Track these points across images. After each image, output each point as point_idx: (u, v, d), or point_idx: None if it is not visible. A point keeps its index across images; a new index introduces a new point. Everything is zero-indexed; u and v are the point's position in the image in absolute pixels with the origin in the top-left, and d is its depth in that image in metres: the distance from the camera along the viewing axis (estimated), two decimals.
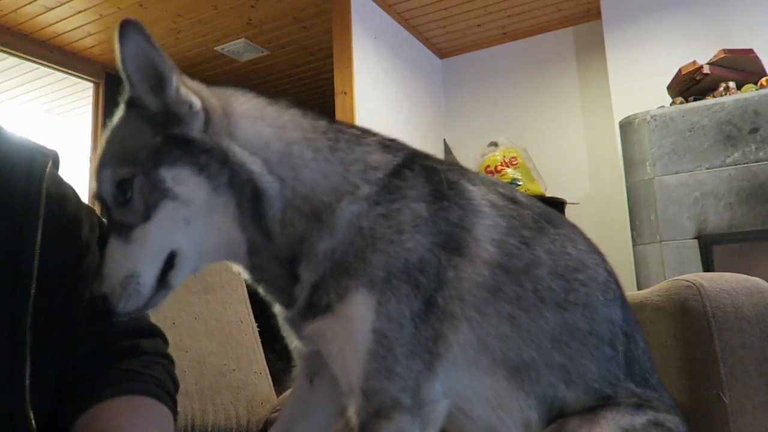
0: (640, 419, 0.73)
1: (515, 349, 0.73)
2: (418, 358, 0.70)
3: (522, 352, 0.73)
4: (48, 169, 0.71)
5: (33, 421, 0.61)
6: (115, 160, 0.70)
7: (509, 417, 0.75)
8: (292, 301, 0.76)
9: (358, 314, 0.70)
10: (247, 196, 0.71)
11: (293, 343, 0.82)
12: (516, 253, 0.74)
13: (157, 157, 0.68)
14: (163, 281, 0.70)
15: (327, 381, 0.84)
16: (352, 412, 0.73)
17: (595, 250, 0.84)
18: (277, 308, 0.82)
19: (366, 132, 0.83)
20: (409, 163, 0.79)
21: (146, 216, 0.68)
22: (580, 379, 0.75)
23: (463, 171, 0.83)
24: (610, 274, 0.82)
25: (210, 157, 0.69)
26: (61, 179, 0.79)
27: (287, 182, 0.72)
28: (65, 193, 0.78)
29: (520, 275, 0.74)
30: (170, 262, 0.69)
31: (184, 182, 0.68)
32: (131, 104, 0.72)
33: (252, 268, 0.77)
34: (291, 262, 0.74)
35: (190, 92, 0.72)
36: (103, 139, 0.73)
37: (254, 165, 0.71)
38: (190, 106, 0.71)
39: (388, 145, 0.81)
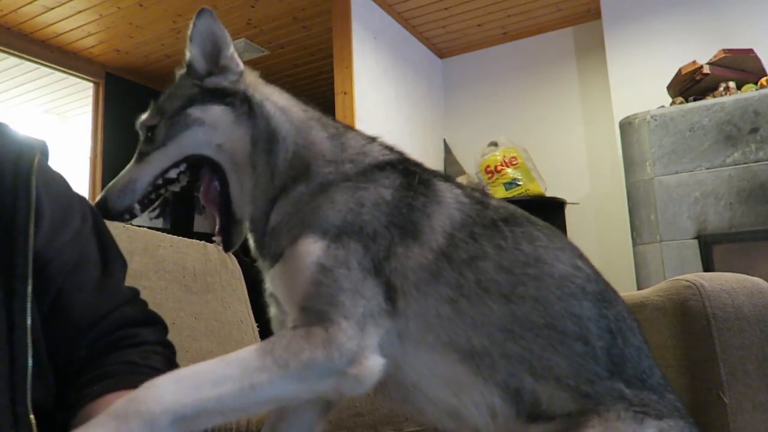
0: None
1: (462, 334, 0.75)
2: (365, 300, 0.72)
3: (471, 337, 0.75)
4: (36, 162, 0.70)
5: (33, 417, 0.60)
6: (150, 114, 0.93)
7: (470, 401, 0.75)
8: (262, 250, 0.85)
9: (305, 251, 0.75)
10: (263, 134, 0.87)
11: (273, 312, 0.88)
12: (461, 245, 0.78)
13: (190, 102, 0.89)
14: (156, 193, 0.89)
15: None
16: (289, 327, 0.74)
17: (562, 247, 0.83)
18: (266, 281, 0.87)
19: (374, 138, 0.93)
20: (397, 162, 0.87)
21: (163, 144, 0.88)
22: (549, 373, 0.75)
23: (444, 176, 0.89)
24: (579, 269, 0.81)
25: (235, 98, 0.89)
26: (50, 170, 0.78)
27: (302, 135, 0.89)
28: (55, 185, 0.78)
29: (463, 265, 0.77)
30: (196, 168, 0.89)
31: (210, 112, 0.88)
32: (186, 72, 0.94)
33: (251, 213, 0.89)
34: (273, 201, 0.86)
35: (237, 58, 0.93)
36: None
37: (272, 109, 0.90)
38: (237, 64, 0.92)
39: (389, 148, 0.92)
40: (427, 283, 0.76)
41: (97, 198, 0.85)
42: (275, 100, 0.93)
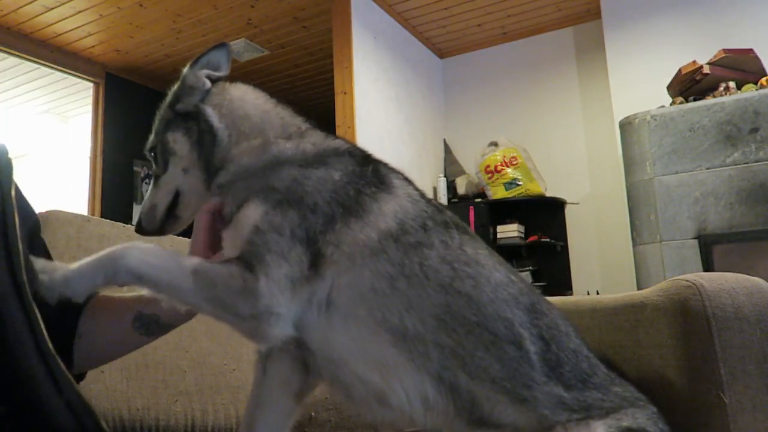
0: None
1: (396, 313, 0.77)
2: (287, 265, 0.78)
3: (404, 318, 0.77)
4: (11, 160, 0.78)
5: (56, 355, 0.72)
6: (151, 138, 0.99)
7: (400, 386, 0.78)
8: None
9: (247, 214, 0.82)
10: (208, 144, 0.93)
11: None
12: (412, 231, 0.82)
13: (166, 127, 0.97)
14: (173, 214, 0.97)
15: (280, 364, 0.89)
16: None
17: (501, 262, 0.87)
18: None
19: (338, 137, 0.96)
20: (357, 152, 0.91)
21: (165, 169, 0.96)
22: (484, 374, 0.77)
23: (403, 175, 0.91)
24: (513, 282, 0.84)
25: (194, 122, 0.95)
26: None
27: (251, 135, 0.93)
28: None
29: (409, 248, 0.80)
30: (176, 199, 0.96)
31: (178, 141, 0.95)
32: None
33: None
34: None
35: (202, 75, 0.97)
36: None
37: (216, 121, 0.94)
38: (205, 83, 0.97)
39: (352, 144, 0.94)
40: (364, 256, 0.79)
41: (135, 221, 0.98)
42: (238, 113, 0.95)
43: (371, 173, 0.86)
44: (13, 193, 0.75)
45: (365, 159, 0.90)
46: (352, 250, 0.79)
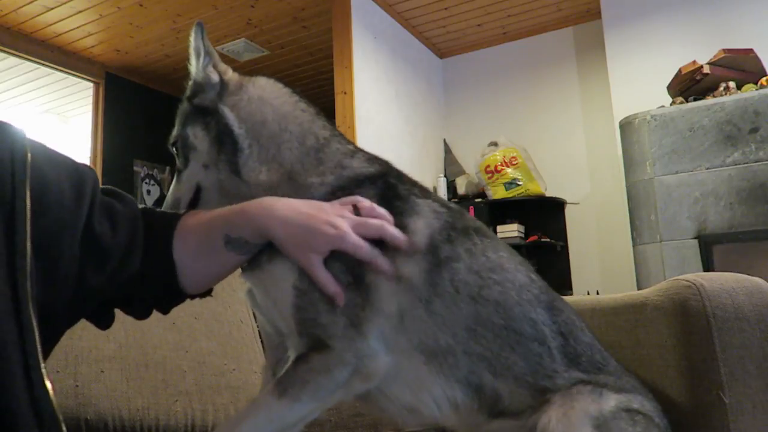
0: (608, 405, 0.77)
1: (431, 335, 0.79)
2: (344, 316, 0.77)
3: (438, 338, 0.79)
4: (30, 151, 0.72)
5: (48, 383, 0.65)
6: (174, 132, 0.97)
7: (431, 398, 0.80)
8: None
9: (282, 274, 0.80)
10: (228, 148, 0.90)
11: (261, 321, 0.93)
12: (440, 246, 0.83)
13: (186, 121, 0.94)
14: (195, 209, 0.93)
15: None
16: (291, 352, 0.81)
17: (521, 261, 0.89)
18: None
19: (360, 150, 0.94)
20: (377, 177, 0.89)
21: (186, 164, 0.94)
22: (508, 372, 0.79)
23: (421, 190, 0.90)
24: (534, 281, 0.87)
25: (213, 118, 0.92)
26: (48, 149, 0.79)
27: (270, 150, 0.90)
28: (57, 158, 0.80)
29: (440, 265, 0.81)
30: (197, 195, 0.93)
31: (197, 136, 0.92)
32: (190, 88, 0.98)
33: None
34: None
35: (213, 70, 0.95)
36: None
37: (236, 127, 0.91)
38: (211, 78, 0.94)
39: (373, 159, 0.92)
40: (406, 284, 0.79)
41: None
42: (256, 117, 0.92)
43: (394, 197, 0.85)
44: (28, 191, 0.68)
45: (385, 182, 0.88)
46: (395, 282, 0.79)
